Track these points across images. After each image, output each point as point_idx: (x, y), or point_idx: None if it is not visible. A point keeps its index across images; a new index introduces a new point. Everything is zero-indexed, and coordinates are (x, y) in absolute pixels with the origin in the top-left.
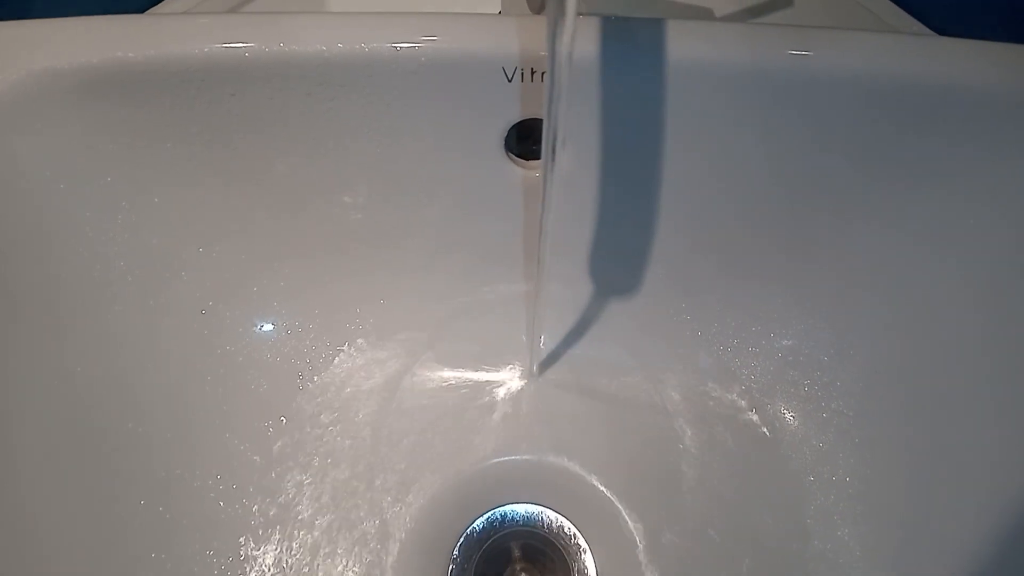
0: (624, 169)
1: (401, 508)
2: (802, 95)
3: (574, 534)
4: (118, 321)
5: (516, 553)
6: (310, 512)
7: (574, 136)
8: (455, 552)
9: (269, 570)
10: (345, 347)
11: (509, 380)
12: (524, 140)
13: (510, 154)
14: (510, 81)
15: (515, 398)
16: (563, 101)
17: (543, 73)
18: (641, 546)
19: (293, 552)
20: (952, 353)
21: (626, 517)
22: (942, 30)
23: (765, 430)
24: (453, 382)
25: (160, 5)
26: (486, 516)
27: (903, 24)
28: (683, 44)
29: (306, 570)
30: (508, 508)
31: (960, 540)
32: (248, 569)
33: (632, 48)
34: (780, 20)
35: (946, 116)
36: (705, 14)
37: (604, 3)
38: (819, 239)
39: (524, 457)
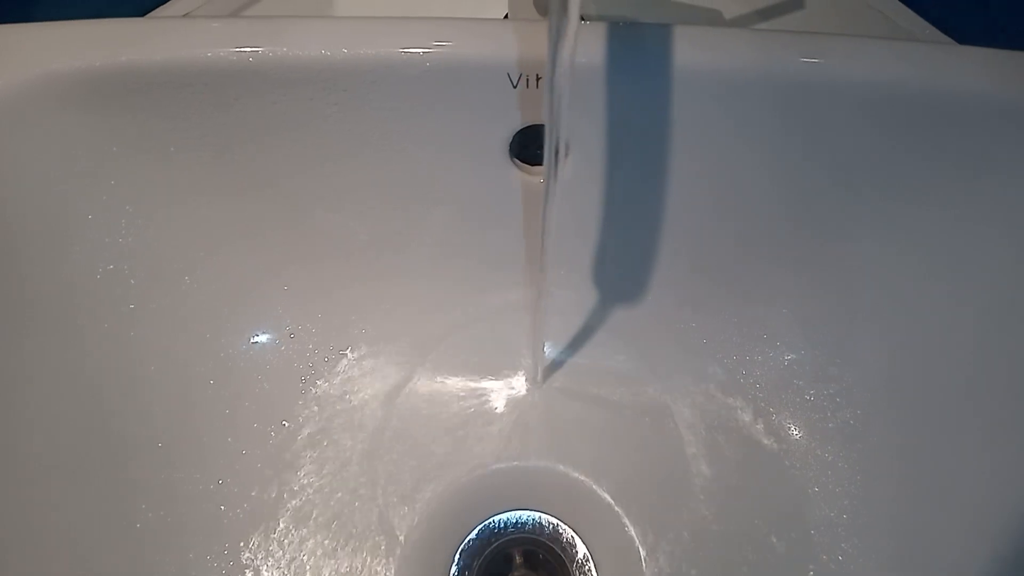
0: (629, 176)
1: (403, 514)
2: (812, 105)
3: (577, 542)
4: (122, 324)
5: (518, 560)
6: (311, 518)
7: (580, 142)
8: (456, 558)
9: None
10: (348, 352)
11: (513, 387)
12: (529, 146)
13: (515, 160)
14: (515, 87)
15: (519, 405)
16: (564, 107)
17: None
18: (643, 554)
19: (294, 558)
20: (958, 366)
21: (629, 525)
22: (953, 33)
23: (770, 440)
24: (456, 389)
25: (161, 8)
26: (487, 523)
27: (915, 28)
28: (690, 51)
29: None
30: (510, 515)
31: (964, 554)
32: (248, 574)
33: (639, 54)
34: (791, 23)
35: (961, 128)
36: (714, 16)
37: (610, 4)
38: (827, 248)
39: (527, 464)
